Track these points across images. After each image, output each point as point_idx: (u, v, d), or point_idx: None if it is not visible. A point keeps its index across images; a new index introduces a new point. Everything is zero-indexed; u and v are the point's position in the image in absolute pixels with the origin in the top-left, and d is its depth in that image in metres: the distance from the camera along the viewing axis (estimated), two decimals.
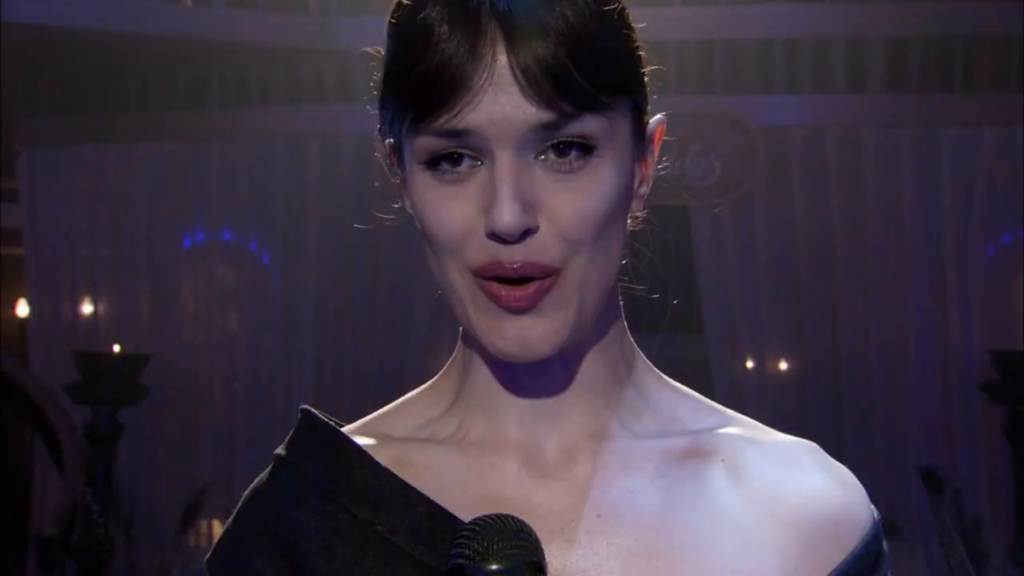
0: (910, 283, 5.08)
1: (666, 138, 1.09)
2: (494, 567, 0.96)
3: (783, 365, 5.25)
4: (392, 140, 1.05)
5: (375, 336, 5.27)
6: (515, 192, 0.97)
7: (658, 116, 1.06)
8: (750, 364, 5.18)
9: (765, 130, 5.11)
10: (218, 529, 5.02)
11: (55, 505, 4.83)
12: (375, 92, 1.04)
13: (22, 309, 6.38)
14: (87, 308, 5.53)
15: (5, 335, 6.19)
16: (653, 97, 1.07)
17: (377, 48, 1.12)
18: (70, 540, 4.49)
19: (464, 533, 0.98)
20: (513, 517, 0.99)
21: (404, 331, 5.24)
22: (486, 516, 0.98)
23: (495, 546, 0.97)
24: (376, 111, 1.12)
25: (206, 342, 5.46)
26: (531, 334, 1.01)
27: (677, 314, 5.22)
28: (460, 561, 0.96)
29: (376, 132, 1.07)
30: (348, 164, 5.29)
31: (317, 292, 5.33)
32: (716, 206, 5.10)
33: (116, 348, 4.92)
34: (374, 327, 5.28)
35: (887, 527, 3.16)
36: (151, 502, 4.87)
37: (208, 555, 1.10)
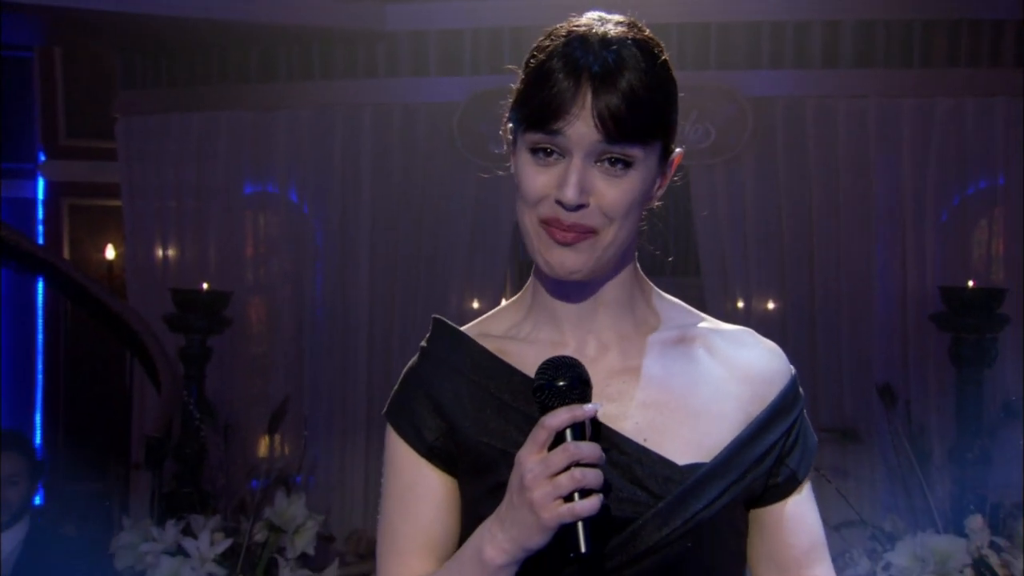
0: (875, 232, 5.17)
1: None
2: (561, 383, 1.33)
3: (768, 304, 5.34)
4: (511, 126, 1.47)
5: (420, 276, 5.39)
6: (578, 180, 1.39)
7: (679, 149, 1.46)
8: (740, 304, 5.28)
9: (753, 100, 5.19)
10: (289, 444, 5.33)
11: (153, 418, 4.98)
12: (510, 101, 1.46)
13: (109, 253, 6.61)
14: (172, 251, 5.69)
15: (95, 275, 6.52)
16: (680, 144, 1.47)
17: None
18: (169, 443, 4.66)
19: (541, 368, 1.37)
20: (570, 356, 1.39)
21: (445, 274, 5.39)
22: (554, 357, 1.38)
23: (560, 372, 1.34)
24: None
25: (276, 283, 5.58)
26: (567, 260, 1.42)
27: (678, 260, 5.27)
28: (540, 382, 1.35)
29: (504, 121, 1.49)
30: (396, 130, 5.43)
31: (370, 240, 5.45)
32: (711, 166, 5.21)
33: (204, 286, 5.11)
34: (419, 268, 5.40)
35: (850, 433, 3.62)
36: (236, 414, 5.05)
37: (384, 410, 1.53)
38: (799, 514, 1.54)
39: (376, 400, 5.45)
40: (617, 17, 1.45)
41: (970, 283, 4.81)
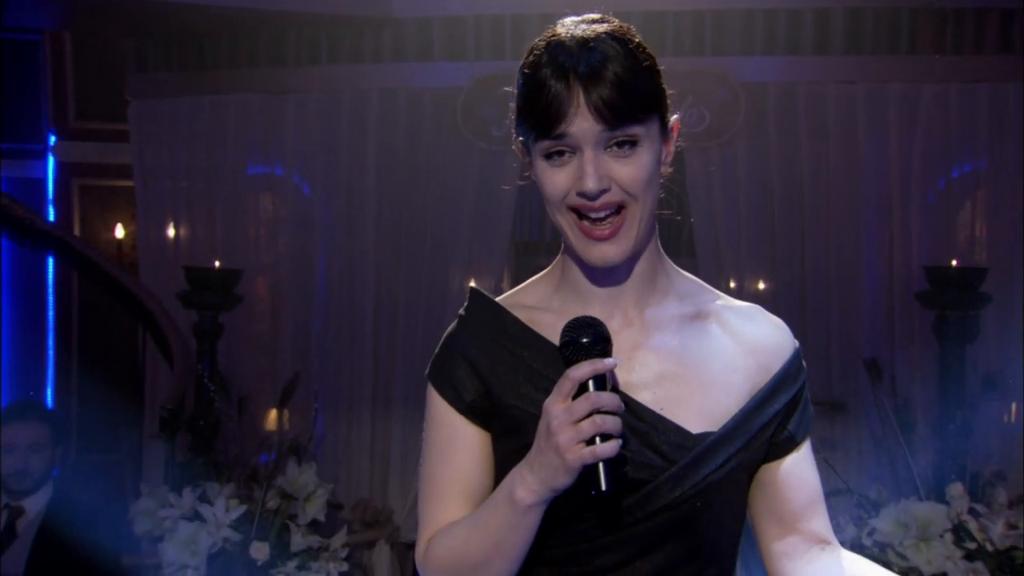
0: (863, 214, 5.18)
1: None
2: (584, 339, 1.46)
3: (760, 284, 5.34)
4: (522, 139, 1.58)
5: (424, 256, 5.43)
6: (594, 169, 1.51)
7: (675, 116, 1.57)
8: (732, 284, 5.27)
9: (746, 86, 5.20)
10: (297, 417, 5.33)
11: (167, 391, 5.12)
12: (512, 116, 1.55)
13: (118, 232, 6.57)
14: (184, 231, 5.72)
15: (104, 253, 6.54)
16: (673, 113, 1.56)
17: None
18: (183, 415, 4.80)
19: (566, 327, 1.48)
20: (592, 316, 1.50)
21: (448, 253, 5.41)
22: (578, 316, 1.50)
23: (584, 329, 1.47)
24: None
25: (284, 262, 5.59)
26: (609, 252, 1.56)
27: (673, 241, 5.24)
28: (566, 339, 1.47)
29: (515, 138, 1.60)
30: (402, 113, 5.45)
31: (375, 220, 5.46)
32: (706, 149, 5.20)
33: (216, 264, 5.20)
34: (424, 248, 5.43)
35: (837, 405, 3.75)
36: (246, 387, 5.07)
37: (427, 371, 1.65)
38: (797, 472, 1.66)
39: (382, 376, 5.53)
40: (588, 16, 1.57)
41: (953, 262, 4.89)
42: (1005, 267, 5.01)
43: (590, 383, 1.43)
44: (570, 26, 1.54)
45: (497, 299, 1.67)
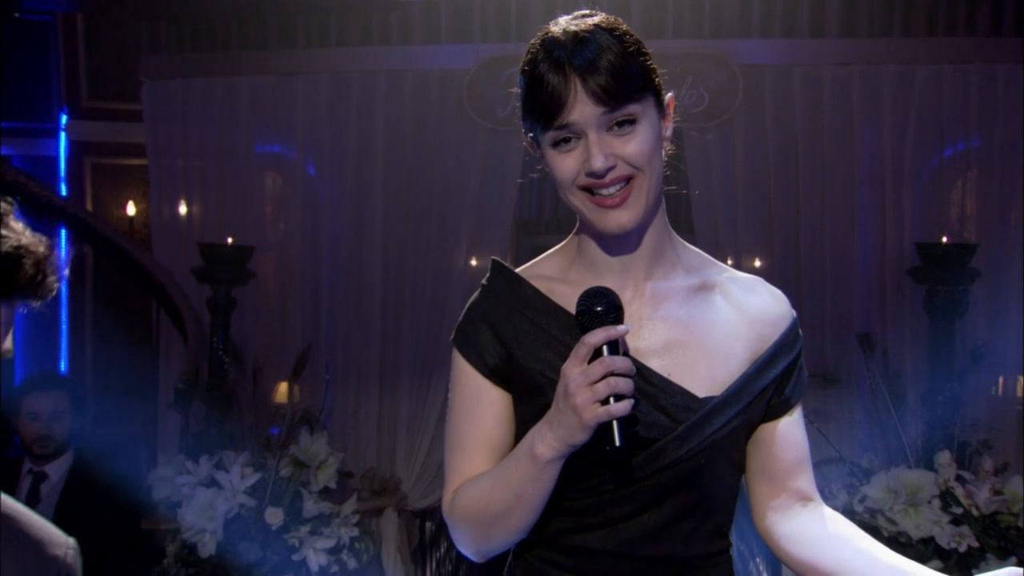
0: (857, 192, 5.21)
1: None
2: (598, 308, 1.54)
3: (756, 261, 5.36)
4: (531, 135, 1.65)
5: (431, 236, 5.48)
6: (600, 149, 1.59)
7: (670, 93, 1.65)
8: (730, 261, 5.22)
9: (744, 68, 5.23)
10: (306, 389, 5.31)
11: (181, 364, 5.18)
12: (518, 110, 1.63)
13: (129, 209, 6.61)
14: (195, 208, 5.76)
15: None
16: (667, 92, 1.64)
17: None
18: (197, 387, 4.89)
19: (582, 297, 1.56)
20: (606, 287, 1.57)
21: (452, 231, 5.45)
22: (592, 287, 1.58)
23: (598, 299, 1.55)
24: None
25: (294, 240, 5.63)
26: (623, 217, 1.62)
27: (672, 219, 5.39)
28: (581, 308, 1.55)
29: (524, 135, 1.67)
30: (408, 95, 5.49)
31: (384, 200, 5.50)
32: (704, 130, 5.21)
33: (229, 240, 5.26)
34: (429, 226, 5.48)
35: (831, 378, 3.80)
36: (259, 360, 5.05)
37: (452, 337, 1.73)
38: (789, 433, 1.75)
39: (389, 350, 5.60)
40: (578, 13, 1.65)
41: (944, 239, 4.93)
42: (994, 244, 5.06)
43: (604, 348, 1.51)
44: (563, 24, 1.62)
45: (516, 270, 1.75)
